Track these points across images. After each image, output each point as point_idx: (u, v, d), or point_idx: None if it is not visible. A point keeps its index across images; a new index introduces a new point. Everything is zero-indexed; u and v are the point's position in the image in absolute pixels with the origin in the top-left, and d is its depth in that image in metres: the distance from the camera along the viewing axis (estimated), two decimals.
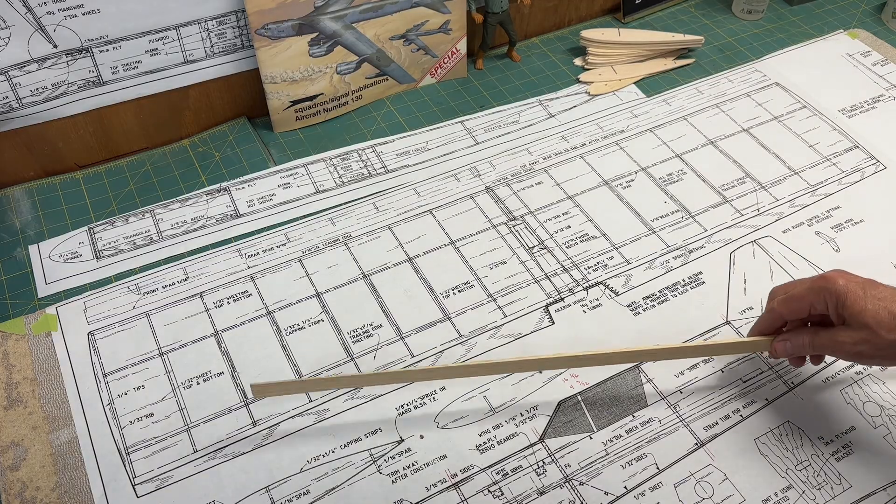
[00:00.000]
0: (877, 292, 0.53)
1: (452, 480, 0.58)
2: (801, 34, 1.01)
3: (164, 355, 0.65)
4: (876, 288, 0.53)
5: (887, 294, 0.52)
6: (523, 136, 0.86)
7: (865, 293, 0.53)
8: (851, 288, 0.53)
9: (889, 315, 0.51)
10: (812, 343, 0.56)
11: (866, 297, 0.52)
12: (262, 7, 0.75)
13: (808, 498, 0.57)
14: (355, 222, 0.76)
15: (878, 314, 0.52)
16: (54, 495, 0.57)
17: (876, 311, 0.52)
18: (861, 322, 0.52)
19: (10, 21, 0.68)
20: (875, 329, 0.52)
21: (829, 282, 0.54)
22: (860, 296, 0.53)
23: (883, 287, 0.53)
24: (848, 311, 0.53)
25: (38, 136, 0.77)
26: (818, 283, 0.55)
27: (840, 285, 0.53)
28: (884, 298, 0.52)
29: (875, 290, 0.53)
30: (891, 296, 0.52)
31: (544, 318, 0.69)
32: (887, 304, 0.52)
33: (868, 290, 0.53)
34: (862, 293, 0.53)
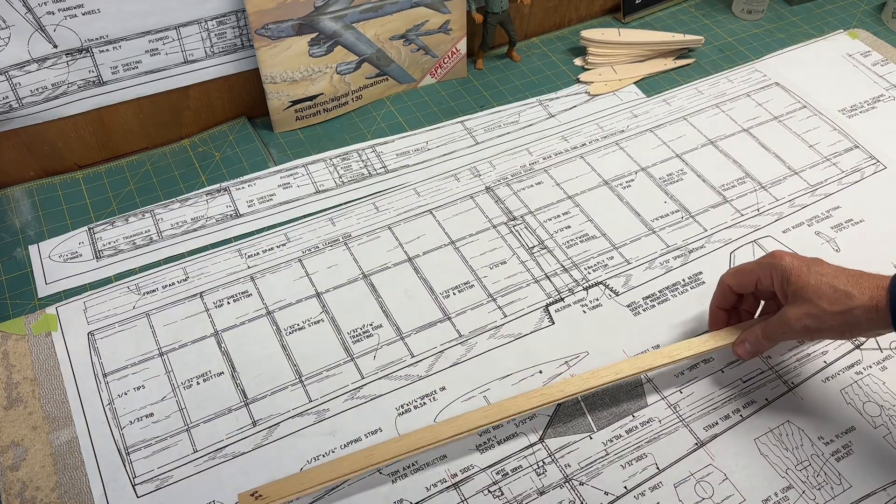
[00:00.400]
0: (820, 269, 0.55)
1: (452, 480, 0.58)
2: (801, 34, 1.01)
3: (164, 355, 0.65)
4: (820, 265, 0.56)
5: (830, 271, 0.55)
6: (523, 136, 0.86)
7: (809, 269, 0.55)
8: (796, 265, 0.56)
9: (831, 289, 0.53)
10: (764, 332, 0.59)
11: (809, 272, 0.55)
12: (262, 7, 0.75)
13: (808, 498, 0.57)
14: (355, 222, 0.76)
15: (819, 288, 0.54)
16: (54, 495, 0.57)
17: (818, 286, 0.54)
18: (804, 296, 0.55)
19: (10, 21, 0.68)
20: (817, 302, 0.54)
21: (776, 258, 0.57)
22: (804, 272, 0.55)
23: (828, 265, 0.56)
24: (792, 286, 0.55)
25: (38, 136, 0.77)
26: (766, 259, 0.58)
27: (786, 262, 0.56)
28: (826, 274, 0.54)
29: (819, 266, 0.55)
30: (833, 272, 0.54)
31: (544, 318, 0.69)
32: (829, 280, 0.54)
33: (812, 267, 0.55)
34: (806, 269, 0.55)
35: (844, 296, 0.53)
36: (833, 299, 0.53)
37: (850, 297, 0.53)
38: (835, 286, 0.53)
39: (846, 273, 0.54)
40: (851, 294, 0.53)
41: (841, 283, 0.53)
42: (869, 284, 0.53)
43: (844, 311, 0.53)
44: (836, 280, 0.54)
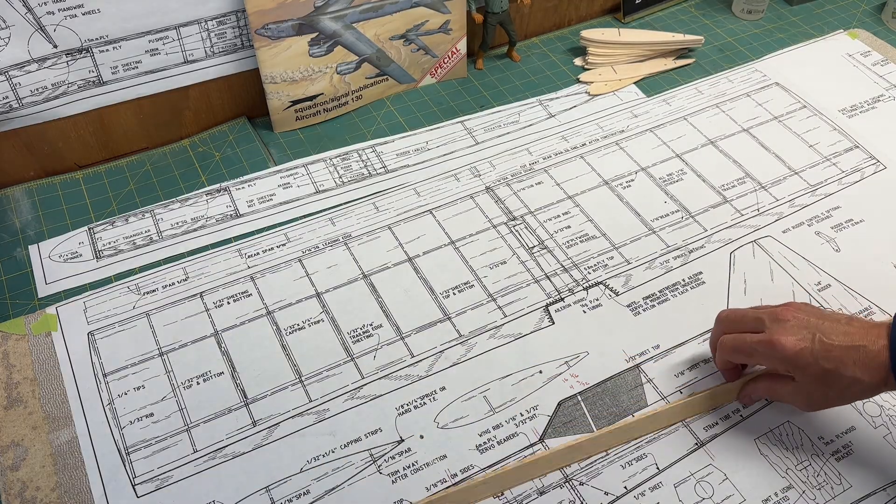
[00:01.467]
0: (827, 352, 0.53)
1: (452, 480, 0.58)
2: (801, 34, 1.01)
3: (164, 355, 0.65)
4: (825, 346, 0.53)
5: (837, 354, 0.53)
6: (523, 136, 0.86)
7: (815, 357, 0.53)
8: (801, 355, 0.54)
9: (840, 379, 0.53)
10: (771, 395, 0.60)
11: (816, 362, 0.53)
12: (262, 7, 0.75)
13: (808, 498, 0.57)
14: (355, 222, 0.76)
15: (828, 378, 0.53)
16: (54, 495, 0.57)
17: (826, 377, 0.53)
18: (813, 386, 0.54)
19: (10, 21, 0.68)
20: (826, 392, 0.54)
21: (777, 349, 0.54)
22: (809, 362, 0.53)
23: (833, 344, 0.53)
24: (799, 374, 0.55)
25: (38, 136, 0.77)
26: (764, 347, 0.55)
27: (789, 353, 0.54)
28: (833, 359, 0.53)
29: (824, 349, 0.53)
30: (840, 357, 0.53)
31: (544, 318, 0.69)
32: (837, 368, 0.53)
33: (818, 355, 0.53)
34: (812, 359, 0.53)
35: (853, 383, 0.53)
36: (841, 388, 0.53)
37: (858, 382, 0.52)
38: (841, 374, 0.53)
39: (850, 352, 0.52)
40: (859, 380, 0.52)
41: (848, 369, 0.52)
42: (875, 364, 0.52)
43: (853, 395, 0.54)
44: (844, 367, 0.52)
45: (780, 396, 0.59)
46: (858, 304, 0.70)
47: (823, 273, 0.72)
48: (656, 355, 0.66)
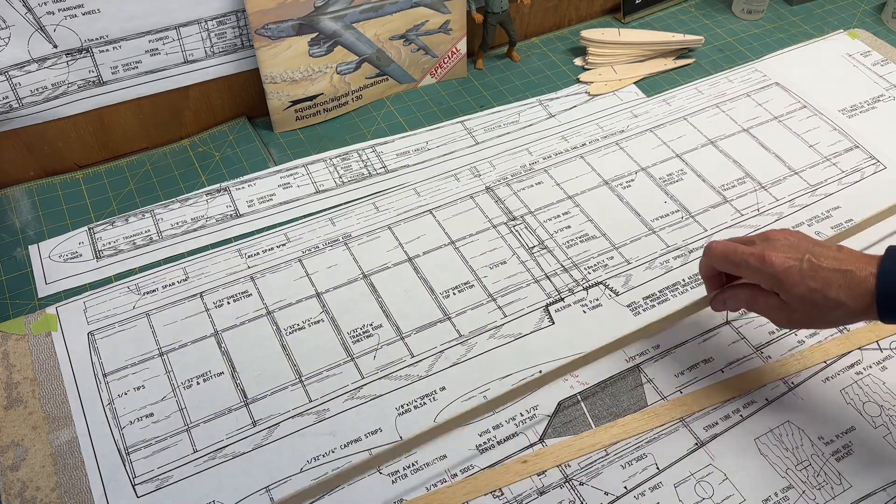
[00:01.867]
0: (814, 273, 0.53)
1: (453, 480, 0.58)
2: (801, 34, 1.01)
3: (164, 355, 0.65)
4: (813, 268, 0.53)
5: (824, 276, 0.53)
6: (523, 136, 0.86)
7: (803, 277, 0.53)
8: (790, 273, 0.54)
9: (823, 299, 0.53)
10: (748, 305, 0.58)
11: (803, 282, 0.53)
12: (262, 7, 0.75)
13: (808, 498, 0.57)
14: (355, 222, 0.76)
15: (813, 299, 0.53)
16: (54, 495, 0.57)
17: (811, 297, 0.53)
18: (797, 304, 0.54)
19: (10, 21, 0.68)
20: (810, 311, 0.54)
21: (768, 264, 0.54)
22: (797, 281, 0.53)
23: (822, 266, 0.53)
24: (785, 293, 0.54)
25: (38, 136, 0.77)
26: (755, 261, 0.55)
27: (778, 269, 0.54)
28: (819, 280, 0.53)
29: (812, 270, 0.53)
30: (827, 277, 0.53)
31: (544, 318, 0.69)
32: (823, 288, 0.53)
33: (805, 274, 0.53)
34: (799, 277, 0.53)
35: (836, 305, 0.53)
36: (824, 309, 0.53)
37: (842, 305, 0.53)
38: (826, 295, 0.53)
39: (837, 275, 0.53)
40: (843, 303, 0.52)
41: (833, 291, 0.53)
42: (860, 290, 0.52)
43: (835, 320, 0.54)
44: (829, 288, 0.53)
45: (759, 308, 0.58)
46: None
47: None
48: (656, 355, 0.66)
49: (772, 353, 0.66)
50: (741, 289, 0.59)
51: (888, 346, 0.67)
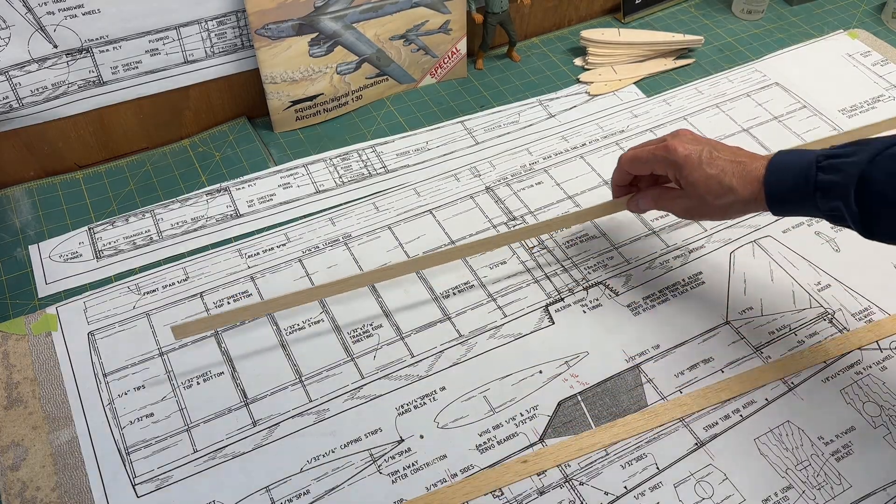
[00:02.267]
0: (711, 161, 0.59)
1: (452, 480, 0.58)
2: (801, 34, 1.01)
3: (164, 355, 0.65)
4: (711, 157, 0.59)
5: (720, 164, 0.59)
6: (523, 136, 0.86)
7: (700, 164, 0.59)
8: (690, 159, 0.59)
9: (717, 184, 0.58)
10: (656, 201, 0.65)
11: (700, 167, 0.59)
12: (262, 7, 0.75)
13: (808, 498, 0.57)
14: (355, 222, 0.76)
15: (708, 184, 0.59)
16: (54, 495, 0.57)
17: (707, 182, 0.59)
18: (694, 190, 0.60)
19: (10, 21, 0.68)
20: (704, 196, 0.59)
21: (670, 152, 0.60)
22: (695, 167, 0.59)
23: (718, 155, 0.59)
24: (684, 179, 0.60)
25: (38, 136, 0.77)
26: (660, 151, 0.61)
27: (679, 156, 0.60)
28: (714, 167, 0.59)
29: (710, 158, 0.59)
30: (722, 166, 0.58)
31: (544, 318, 0.69)
32: (717, 175, 0.58)
33: (703, 160, 0.59)
34: (697, 164, 0.59)
35: (728, 190, 0.58)
36: (718, 194, 0.58)
37: (733, 191, 0.58)
38: (720, 181, 0.58)
39: (732, 165, 0.58)
40: (734, 189, 0.58)
41: (727, 178, 0.58)
42: (750, 178, 0.57)
43: (727, 205, 0.59)
44: (723, 175, 0.58)
45: (664, 202, 0.64)
46: (858, 304, 0.70)
47: (823, 273, 0.72)
48: (656, 355, 0.66)
49: (772, 353, 0.66)
50: (649, 188, 0.66)
51: (888, 346, 0.67)
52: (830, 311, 0.69)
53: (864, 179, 0.52)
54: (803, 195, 0.55)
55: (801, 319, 0.69)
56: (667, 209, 0.64)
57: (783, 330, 0.68)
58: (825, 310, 0.69)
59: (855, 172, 0.52)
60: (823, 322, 0.68)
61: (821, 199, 0.54)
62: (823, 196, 0.54)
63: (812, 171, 0.54)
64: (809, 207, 0.56)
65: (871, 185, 0.51)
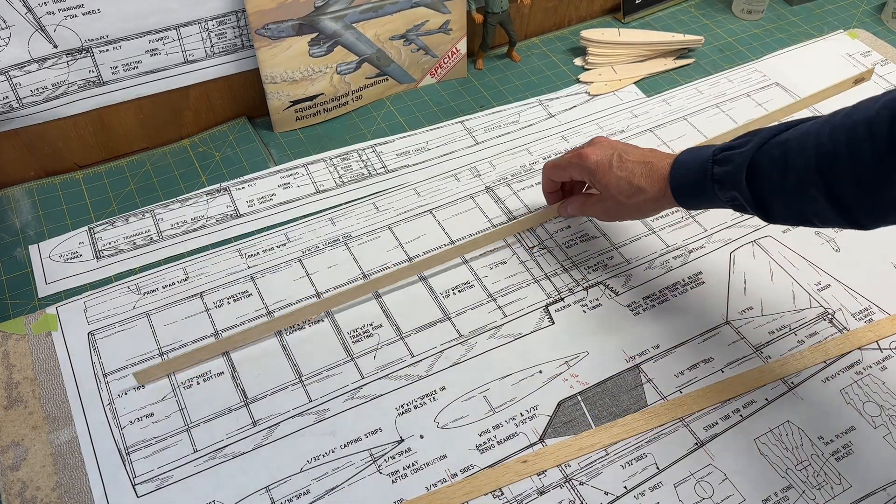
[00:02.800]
0: (621, 164, 0.63)
1: (453, 480, 0.58)
2: (801, 34, 1.01)
3: (164, 355, 0.65)
4: (621, 160, 0.63)
5: (629, 166, 0.63)
6: (523, 136, 0.86)
7: (610, 169, 0.63)
8: (601, 165, 0.64)
9: (627, 185, 0.62)
10: (581, 208, 0.70)
11: (611, 172, 0.63)
12: (262, 7, 0.75)
13: (808, 498, 0.57)
14: (355, 222, 0.76)
15: (619, 186, 0.63)
16: (54, 495, 0.57)
17: (618, 184, 0.63)
18: (607, 193, 0.64)
19: (11, 21, 0.68)
20: (616, 197, 0.63)
21: (583, 159, 0.65)
22: (605, 171, 0.63)
23: (627, 158, 0.63)
24: (597, 184, 0.64)
25: (38, 136, 0.77)
26: (575, 159, 0.66)
27: (591, 162, 0.64)
28: (624, 169, 0.63)
29: (620, 161, 0.63)
30: (631, 167, 0.62)
31: (544, 318, 0.69)
32: (627, 177, 0.62)
33: (613, 164, 0.63)
34: (607, 168, 0.63)
35: (638, 191, 0.62)
36: (629, 194, 0.62)
37: (643, 190, 0.62)
38: (630, 182, 0.62)
39: (640, 166, 0.62)
40: (643, 189, 0.62)
41: (636, 178, 0.62)
42: (657, 177, 0.61)
43: (639, 203, 0.63)
44: (633, 176, 0.62)
45: (587, 208, 0.68)
46: (858, 304, 0.70)
47: (823, 273, 0.72)
48: (656, 355, 0.66)
49: (772, 353, 0.66)
50: (576, 196, 0.70)
51: (888, 346, 0.67)
52: (830, 311, 0.69)
53: (753, 166, 0.55)
54: (704, 188, 0.58)
55: (801, 319, 0.69)
56: (590, 213, 0.69)
57: (783, 330, 0.68)
58: (825, 310, 0.69)
59: (744, 162, 0.55)
60: (823, 322, 0.68)
61: (719, 190, 0.57)
62: (721, 187, 0.57)
63: (709, 164, 0.58)
64: (712, 199, 0.59)
65: (759, 170, 0.54)
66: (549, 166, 0.70)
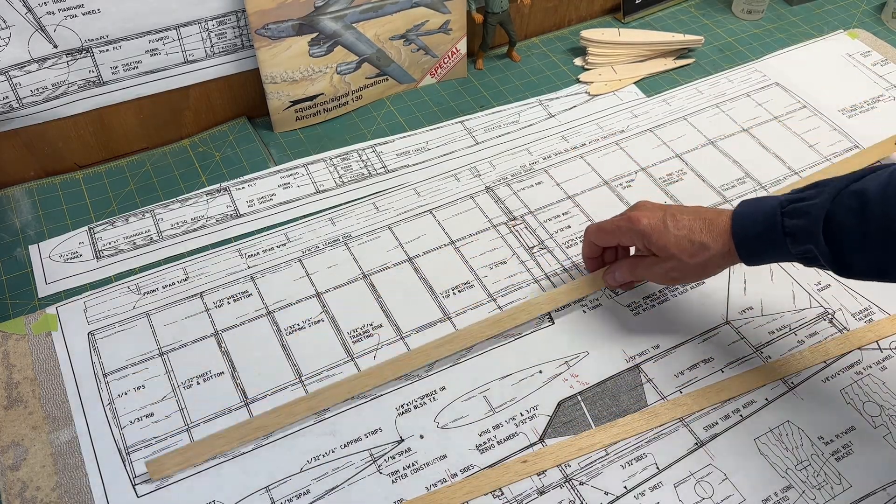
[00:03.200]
0: (676, 223, 0.59)
1: (453, 480, 0.58)
2: (801, 34, 1.01)
3: (164, 355, 0.65)
4: (675, 219, 0.60)
5: (686, 224, 0.59)
6: (523, 136, 0.86)
7: (666, 228, 0.60)
8: (654, 227, 0.60)
9: (689, 243, 0.59)
10: (632, 272, 0.64)
11: (667, 231, 0.59)
12: (263, 7, 0.75)
13: (808, 498, 0.57)
14: (355, 222, 0.76)
15: (680, 245, 0.59)
16: (54, 495, 0.57)
17: (678, 243, 0.59)
18: (668, 253, 0.60)
19: (11, 21, 0.68)
20: (679, 257, 0.59)
21: (633, 223, 0.61)
22: (662, 231, 0.60)
23: (682, 216, 0.60)
24: (654, 246, 0.60)
25: (38, 136, 0.77)
26: (624, 223, 0.62)
27: (644, 225, 0.60)
28: (682, 228, 0.59)
29: (674, 221, 0.60)
30: (688, 225, 0.59)
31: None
32: (686, 234, 0.59)
33: (668, 224, 0.60)
34: (663, 228, 0.60)
35: (701, 248, 0.59)
36: (692, 253, 0.59)
37: (706, 248, 0.58)
38: (691, 240, 0.59)
39: (698, 223, 0.59)
40: (707, 245, 0.58)
41: (696, 235, 0.59)
42: (718, 231, 0.58)
43: (704, 262, 0.59)
44: (692, 234, 0.59)
45: (641, 271, 0.63)
46: (858, 304, 0.70)
47: (823, 273, 0.72)
48: (656, 355, 0.66)
49: (772, 353, 0.66)
50: (624, 260, 0.66)
51: (888, 346, 0.67)
52: (830, 311, 0.69)
53: (830, 219, 0.52)
54: (772, 242, 0.56)
55: (801, 319, 0.69)
56: (644, 277, 0.64)
57: (783, 330, 0.68)
58: (825, 310, 0.69)
59: (820, 214, 0.53)
60: (823, 322, 0.68)
61: (791, 244, 0.55)
62: (793, 241, 0.55)
63: (777, 217, 0.55)
64: (782, 253, 0.56)
65: (837, 223, 0.52)
66: (592, 230, 0.65)
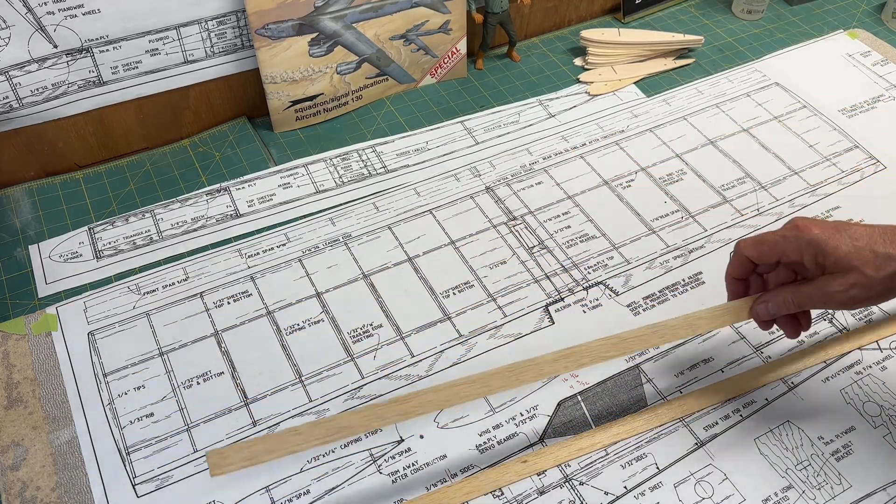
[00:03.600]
0: (851, 233, 0.50)
1: (452, 480, 0.58)
2: (801, 34, 1.01)
3: (164, 355, 0.65)
4: (849, 229, 0.51)
5: (863, 233, 0.50)
6: (523, 136, 0.86)
7: (842, 237, 0.50)
8: (829, 234, 0.51)
9: (872, 254, 0.49)
10: (796, 299, 0.53)
11: (843, 240, 0.50)
12: (262, 7, 0.75)
13: (808, 498, 0.57)
14: (355, 222, 0.76)
15: (862, 254, 0.50)
16: (54, 495, 0.57)
17: (859, 252, 0.50)
18: (848, 266, 0.50)
19: (11, 21, 0.68)
20: (863, 270, 0.49)
21: (802, 231, 0.52)
22: (837, 240, 0.50)
23: (856, 227, 0.51)
24: (831, 257, 0.50)
25: (38, 136, 0.77)
26: (791, 232, 0.52)
27: (815, 234, 0.51)
28: (860, 238, 0.50)
29: (849, 230, 0.51)
30: (867, 235, 0.50)
31: (544, 318, 0.69)
32: (867, 243, 0.50)
33: (844, 233, 0.51)
34: (838, 237, 0.50)
35: (887, 259, 0.49)
36: (877, 265, 0.49)
37: (893, 259, 0.49)
38: (875, 251, 0.49)
39: (879, 233, 0.50)
40: (894, 256, 0.49)
41: (879, 245, 0.49)
42: None
43: (891, 276, 0.49)
44: (874, 243, 0.49)
45: (808, 296, 0.52)
46: None
47: None
48: (656, 355, 0.66)
49: (772, 353, 0.66)
50: (783, 287, 0.54)
51: (888, 346, 0.67)
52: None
53: None
54: None
55: None
56: (813, 302, 0.53)
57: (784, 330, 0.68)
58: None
59: None
60: (823, 322, 0.68)
61: None
62: None
63: None
64: None
65: None
66: (748, 244, 0.54)
